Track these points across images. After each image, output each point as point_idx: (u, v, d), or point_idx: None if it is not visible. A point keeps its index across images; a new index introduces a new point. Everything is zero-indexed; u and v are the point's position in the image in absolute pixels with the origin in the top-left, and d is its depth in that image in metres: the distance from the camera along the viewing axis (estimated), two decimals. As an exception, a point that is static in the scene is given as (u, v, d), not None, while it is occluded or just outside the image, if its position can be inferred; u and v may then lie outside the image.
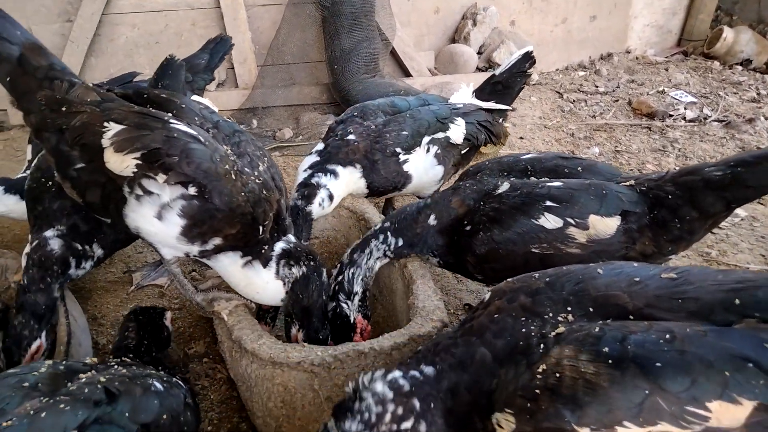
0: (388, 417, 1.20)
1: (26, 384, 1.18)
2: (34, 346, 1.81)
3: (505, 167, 1.89)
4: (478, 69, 5.50)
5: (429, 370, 1.28)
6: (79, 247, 2.00)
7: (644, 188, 1.69)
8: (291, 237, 1.90)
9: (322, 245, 2.48)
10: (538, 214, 1.67)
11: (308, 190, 2.20)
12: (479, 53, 5.55)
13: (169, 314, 1.88)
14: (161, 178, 1.59)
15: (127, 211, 1.66)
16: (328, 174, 2.25)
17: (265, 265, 1.78)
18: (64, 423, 1.05)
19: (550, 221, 1.65)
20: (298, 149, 4.24)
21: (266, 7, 4.92)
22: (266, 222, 1.76)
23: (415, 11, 5.39)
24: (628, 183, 1.73)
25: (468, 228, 1.78)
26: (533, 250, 1.68)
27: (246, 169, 1.74)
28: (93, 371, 1.30)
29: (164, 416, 1.23)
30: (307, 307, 1.78)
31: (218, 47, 3.22)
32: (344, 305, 1.89)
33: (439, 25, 5.61)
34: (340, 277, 1.91)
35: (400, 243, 1.92)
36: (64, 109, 1.70)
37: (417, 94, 4.45)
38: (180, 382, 1.42)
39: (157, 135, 1.61)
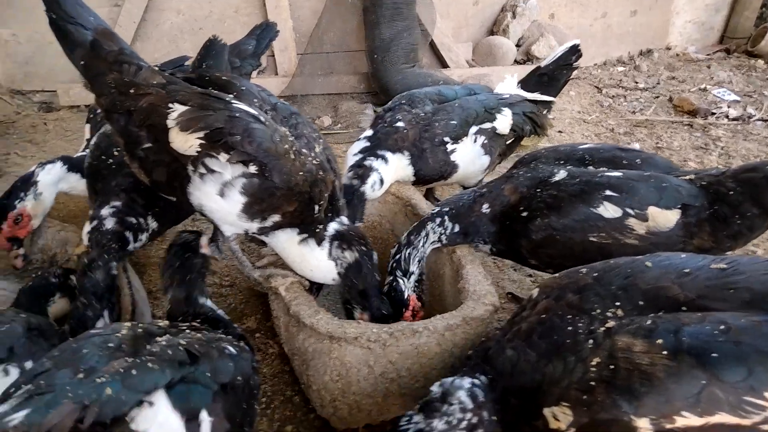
0: (464, 424, 1.31)
1: (111, 344, 1.24)
2: (99, 325, 1.89)
3: (562, 156, 1.91)
4: (516, 62, 5.48)
5: (483, 379, 1.37)
6: (134, 221, 2.07)
7: (704, 183, 1.69)
8: (344, 218, 1.95)
9: (367, 230, 2.52)
10: (597, 203, 1.69)
11: (362, 170, 2.25)
12: (518, 46, 5.53)
13: (203, 240, 1.87)
14: (223, 156, 1.65)
15: (191, 189, 1.73)
16: (379, 158, 2.29)
17: (319, 243, 1.84)
18: (155, 380, 1.11)
19: (609, 210, 1.67)
20: (336, 137, 4.29)
21: (307, -4, 4.97)
22: (322, 201, 1.82)
23: (454, 3, 5.38)
24: (687, 177, 1.74)
25: (525, 214, 1.81)
26: (591, 238, 1.70)
27: (303, 149, 1.79)
28: (167, 335, 1.37)
29: (238, 377, 1.29)
30: (363, 290, 1.84)
31: (264, 33, 3.28)
32: (400, 281, 1.94)
33: (477, 17, 5.60)
34: (398, 256, 1.96)
35: (456, 229, 1.95)
36: (132, 91, 1.76)
37: (455, 84, 4.48)
38: (246, 346, 1.49)
39: (219, 115, 1.66)
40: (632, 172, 1.76)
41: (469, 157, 2.46)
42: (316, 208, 1.80)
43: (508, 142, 2.68)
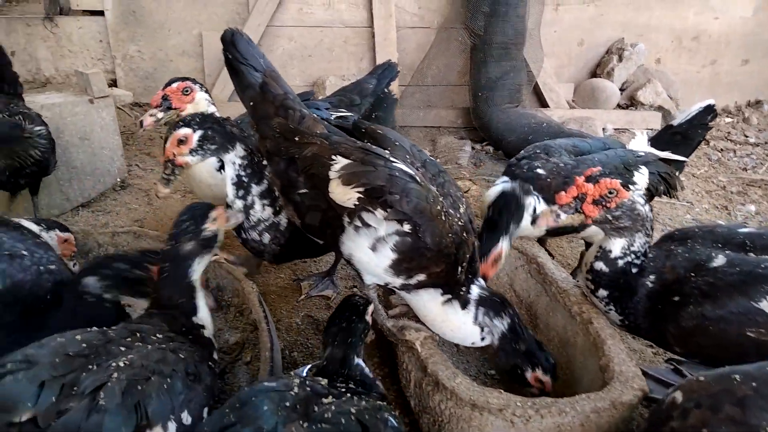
0: None
1: (287, 404, 1.29)
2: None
3: (719, 238, 1.82)
4: (619, 106, 5.35)
5: None
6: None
7: None
8: (481, 281, 1.94)
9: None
10: (759, 297, 1.61)
11: (525, 186, 2.26)
12: (621, 90, 5.39)
13: (370, 308, 1.89)
14: (380, 213, 1.68)
15: (344, 239, 1.78)
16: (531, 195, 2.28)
17: (463, 306, 1.83)
18: None
19: (771, 307, 1.58)
20: (435, 172, 4.31)
21: (414, 30, 5.06)
22: (464, 263, 1.82)
23: (559, 42, 5.34)
24: None
25: (676, 298, 1.74)
26: (749, 333, 1.61)
27: (450, 210, 1.81)
28: (331, 396, 1.40)
29: None
30: (527, 349, 1.83)
31: (386, 73, 3.35)
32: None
33: (581, 58, 5.52)
34: None
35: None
36: (297, 138, 1.84)
37: (557, 126, 4.42)
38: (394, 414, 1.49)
39: (381, 173, 1.70)
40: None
41: None
42: (460, 269, 1.80)
43: (640, 201, 2.61)
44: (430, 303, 1.84)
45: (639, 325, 1.90)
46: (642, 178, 2.48)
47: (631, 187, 2.12)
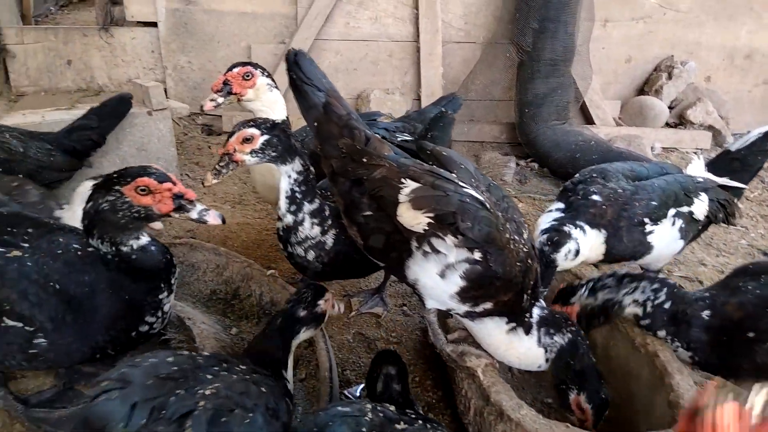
0: None
1: (363, 430, 1.30)
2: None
3: (797, 273, 1.78)
4: (667, 124, 5.24)
5: None
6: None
7: None
8: (543, 302, 1.92)
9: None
10: None
11: (558, 236, 2.17)
12: (670, 108, 5.28)
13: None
14: (451, 240, 1.67)
15: (410, 264, 1.77)
16: (578, 228, 2.22)
17: (527, 332, 1.81)
18: None
19: None
20: (480, 188, 4.28)
21: (460, 44, 5.06)
22: (530, 291, 1.80)
23: (606, 59, 5.26)
24: None
25: (751, 335, 1.69)
26: None
27: (515, 236, 1.79)
28: (403, 422, 1.40)
29: None
30: (581, 370, 1.80)
31: (450, 105, 3.32)
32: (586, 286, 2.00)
33: (627, 75, 5.43)
34: (598, 278, 2.00)
35: (666, 306, 1.90)
36: (364, 159, 1.84)
37: (605, 144, 4.35)
38: None
39: (452, 198, 1.69)
40: None
41: (665, 240, 2.35)
42: (525, 297, 1.78)
43: (699, 228, 2.54)
44: (494, 331, 1.82)
45: (708, 361, 1.85)
46: (702, 204, 2.42)
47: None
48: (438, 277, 1.72)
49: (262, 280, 2.58)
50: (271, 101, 2.43)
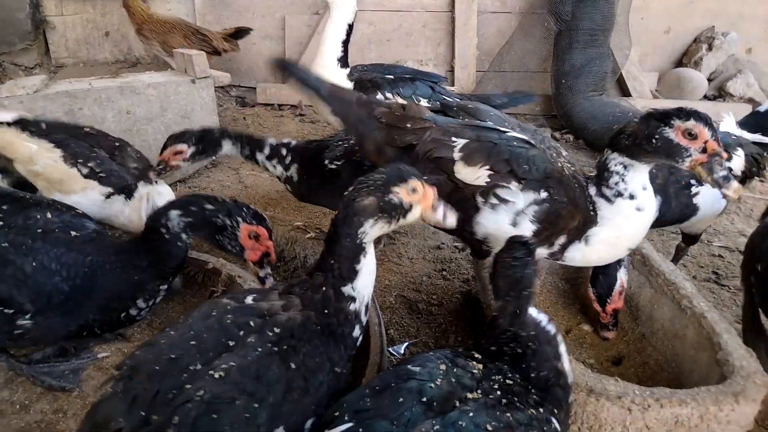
0: None
1: (424, 399, 1.23)
2: None
3: None
4: (706, 97, 5.14)
5: None
6: None
7: None
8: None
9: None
10: None
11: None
12: (709, 80, 5.17)
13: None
14: (515, 186, 1.70)
15: (479, 219, 1.78)
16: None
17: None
18: None
19: None
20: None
21: (495, 15, 5.00)
22: (589, 202, 1.78)
23: (644, 30, 5.15)
24: None
25: None
26: None
27: (560, 160, 1.82)
28: (478, 392, 1.28)
29: None
30: None
31: (522, 99, 3.21)
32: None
33: (666, 47, 5.32)
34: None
35: None
36: (408, 125, 1.86)
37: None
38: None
39: (501, 146, 1.73)
40: None
41: (710, 200, 2.34)
42: (589, 206, 1.76)
43: (738, 183, 2.53)
44: (583, 254, 1.82)
45: None
46: (739, 159, 2.40)
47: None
48: (510, 227, 1.74)
49: (305, 243, 2.65)
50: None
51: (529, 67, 4.96)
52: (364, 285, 1.47)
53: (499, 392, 1.31)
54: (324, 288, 1.44)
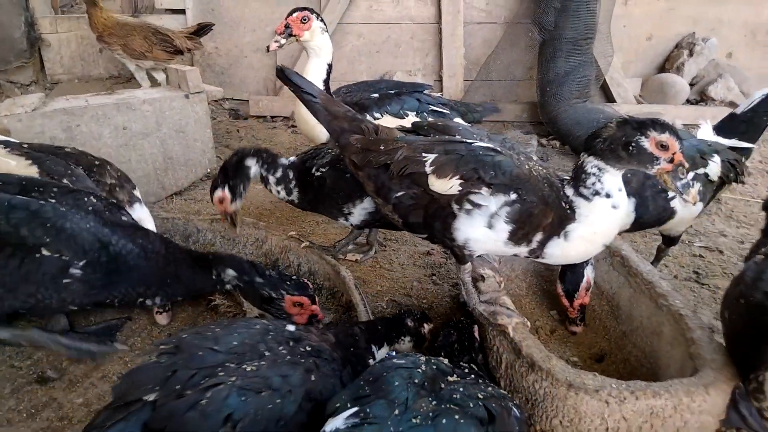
0: None
1: (416, 381, 1.40)
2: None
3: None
4: (688, 101, 5.27)
5: None
6: None
7: None
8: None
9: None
10: None
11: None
12: (691, 85, 5.31)
13: (476, 327, 2.09)
14: (486, 191, 1.81)
15: (457, 225, 1.88)
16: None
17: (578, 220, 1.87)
18: None
19: None
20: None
21: (481, 25, 5.13)
22: (563, 200, 1.87)
23: (627, 37, 5.29)
24: None
25: None
26: None
27: (529, 163, 1.92)
28: (456, 375, 1.50)
29: None
30: None
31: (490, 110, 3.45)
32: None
33: (648, 53, 5.46)
34: None
35: None
36: (382, 147, 1.98)
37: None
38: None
39: (468, 157, 1.85)
40: None
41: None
42: (563, 204, 1.85)
43: (714, 189, 2.63)
44: (563, 250, 1.90)
45: None
46: (715, 166, 2.51)
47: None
48: (486, 230, 1.84)
49: (299, 252, 2.74)
50: (321, 44, 2.88)
51: (515, 75, 5.08)
52: (380, 355, 1.89)
53: (471, 375, 1.55)
54: (358, 338, 1.85)
